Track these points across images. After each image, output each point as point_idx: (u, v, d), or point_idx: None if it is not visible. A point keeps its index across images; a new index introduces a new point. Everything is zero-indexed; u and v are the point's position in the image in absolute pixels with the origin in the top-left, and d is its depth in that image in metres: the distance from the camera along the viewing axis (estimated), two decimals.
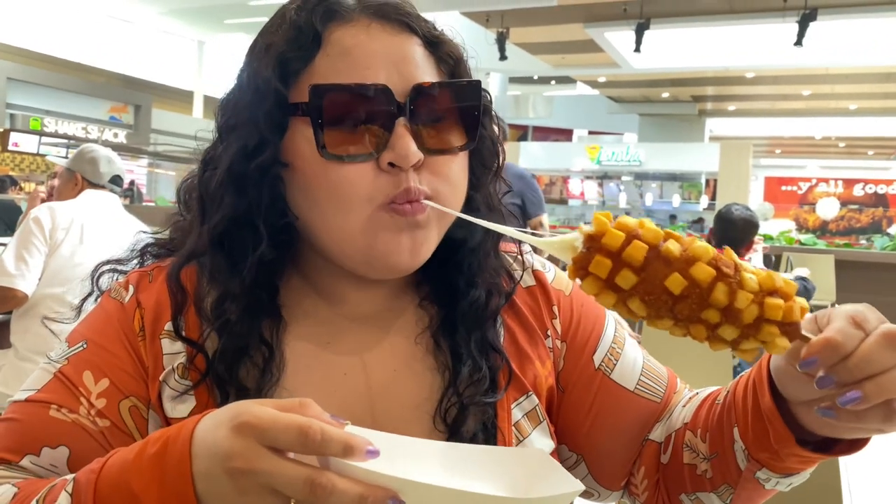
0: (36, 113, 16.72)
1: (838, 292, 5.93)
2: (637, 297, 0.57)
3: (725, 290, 0.56)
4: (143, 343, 0.76)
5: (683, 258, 0.56)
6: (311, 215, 0.75)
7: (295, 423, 0.54)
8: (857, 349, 0.57)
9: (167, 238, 0.87)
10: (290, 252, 0.80)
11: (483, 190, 0.84)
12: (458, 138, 0.77)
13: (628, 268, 0.57)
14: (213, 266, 0.76)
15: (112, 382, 0.74)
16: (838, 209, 20.18)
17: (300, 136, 0.72)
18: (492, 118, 0.84)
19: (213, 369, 0.74)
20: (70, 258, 2.73)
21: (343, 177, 0.71)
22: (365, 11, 0.75)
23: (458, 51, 0.80)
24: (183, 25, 18.66)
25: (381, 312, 0.83)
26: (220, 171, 0.76)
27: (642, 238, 0.57)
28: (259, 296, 0.75)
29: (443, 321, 0.82)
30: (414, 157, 0.71)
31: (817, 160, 26.19)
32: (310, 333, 0.80)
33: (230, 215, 0.75)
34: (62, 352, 0.77)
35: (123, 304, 0.79)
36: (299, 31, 0.73)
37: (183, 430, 0.58)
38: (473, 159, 0.82)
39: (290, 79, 0.73)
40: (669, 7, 11.00)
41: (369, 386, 0.78)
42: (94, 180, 3.03)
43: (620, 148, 20.73)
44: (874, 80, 15.30)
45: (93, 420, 0.72)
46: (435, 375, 0.80)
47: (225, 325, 0.75)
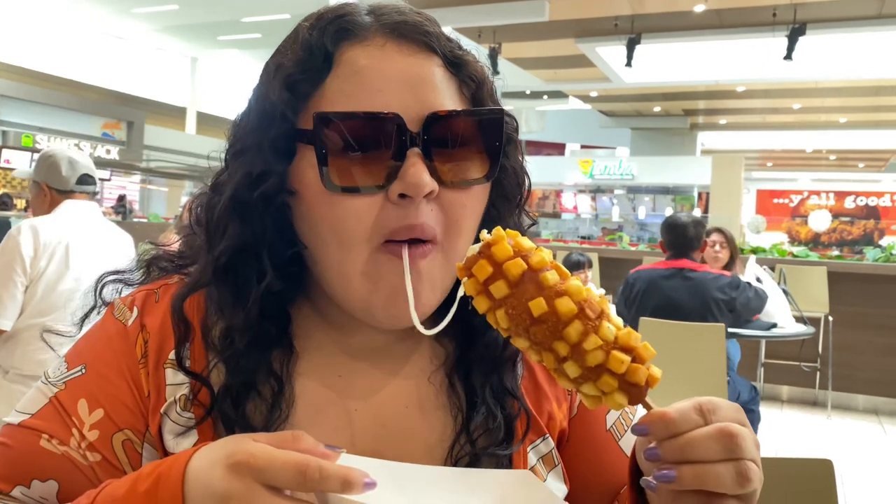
0: (28, 130, 16.69)
1: (831, 304, 5.95)
2: (503, 310, 0.61)
3: (580, 329, 0.59)
4: (144, 371, 0.73)
5: (555, 289, 0.60)
6: (314, 248, 0.72)
7: (292, 462, 0.54)
8: (688, 432, 0.58)
9: (176, 252, 0.83)
10: (302, 280, 0.76)
11: (505, 223, 0.76)
12: (477, 170, 0.72)
13: (504, 279, 0.60)
14: (218, 297, 0.74)
15: (107, 413, 0.71)
16: (830, 221, 20.29)
17: (307, 164, 0.69)
18: (517, 147, 0.79)
19: (219, 405, 0.70)
20: (55, 284, 2.61)
21: (347, 210, 0.68)
22: (381, 30, 0.70)
23: (482, 72, 0.75)
24: (176, 42, 18.70)
25: (394, 346, 0.79)
26: (224, 198, 0.73)
27: (528, 260, 0.61)
28: (267, 328, 0.72)
29: (458, 360, 0.78)
30: (427, 187, 0.67)
31: (808, 173, 26.34)
32: (321, 367, 0.76)
33: (234, 245, 0.72)
34: (60, 374, 0.74)
35: (126, 328, 0.75)
36: (310, 51, 0.69)
37: (175, 466, 0.57)
38: (495, 191, 0.77)
39: (298, 103, 0.69)
40: (660, 22, 11.09)
41: (380, 424, 0.75)
42: (60, 187, 2.82)
43: (613, 162, 20.83)
44: (864, 94, 15.42)
45: (83, 454, 0.69)
46: (447, 417, 0.76)
47: (232, 358, 0.71)
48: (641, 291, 4.07)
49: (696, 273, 4.00)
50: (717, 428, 0.58)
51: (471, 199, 0.72)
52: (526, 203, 0.83)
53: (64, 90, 17.98)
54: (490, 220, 0.77)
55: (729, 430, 0.57)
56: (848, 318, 6.03)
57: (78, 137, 17.78)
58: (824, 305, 5.95)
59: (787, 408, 6.20)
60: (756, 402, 4.15)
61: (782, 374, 6.29)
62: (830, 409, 5.99)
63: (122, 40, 18.58)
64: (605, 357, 0.59)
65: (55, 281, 2.60)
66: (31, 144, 15.38)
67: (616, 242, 10.36)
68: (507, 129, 0.76)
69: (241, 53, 19.10)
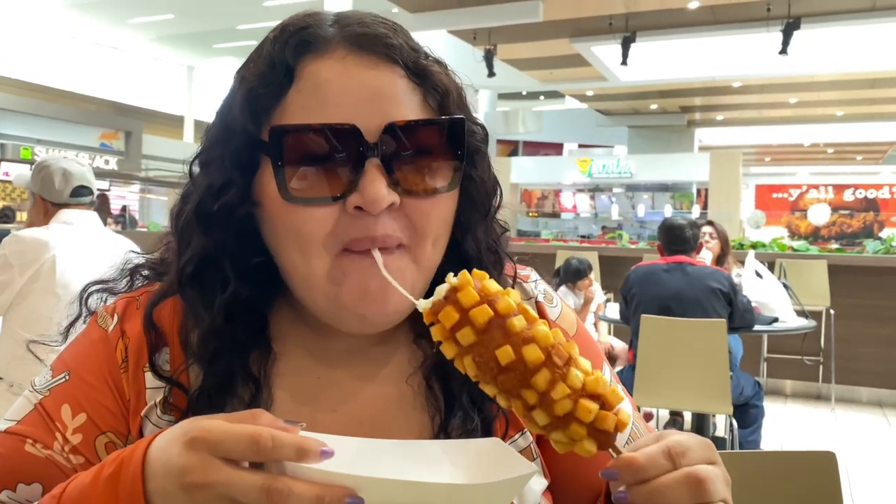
0: (27, 142, 16.71)
1: (832, 297, 5.95)
2: (471, 357, 0.60)
3: (548, 377, 0.58)
4: (125, 375, 0.74)
5: (522, 335, 0.59)
6: (278, 256, 0.73)
7: (246, 433, 0.54)
8: (656, 478, 0.58)
9: (158, 259, 0.84)
10: (279, 283, 0.77)
11: (473, 233, 0.79)
12: (439, 178, 0.71)
13: (470, 326, 0.59)
14: (188, 305, 0.75)
15: (89, 417, 0.72)
16: (829, 215, 20.30)
17: (269, 176, 0.69)
18: (485, 156, 0.79)
19: (194, 407, 0.71)
20: (43, 297, 2.53)
21: (304, 220, 0.68)
22: (343, 42, 0.70)
23: (448, 82, 0.74)
24: (172, 51, 18.74)
25: (372, 348, 0.79)
26: (188, 209, 0.74)
27: (495, 305, 0.60)
28: (238, 333, 0.73)
29: (437, 363, 0.78)
30: (384, 202, 0.67)
31: (807, 167, 26.35)
32: (299, 369, 0.77)
33: (198, 255, 0.73)
34: (45, 381, 0.76)
35: (107, 333, 0.77)
36: (272, 65, 0.70)
37: (137, 449, 0.58)
38: (463, 200, 0.77)
39: (261, 116, 0.69)
40: (654, 20, 11.10)
41: (358, 424, 0.76)
42: (54, 199, 2.74)
43: (611, 160, 20.84)
44: (860, 86, 15.44)
45: (66, 457, 0.71)
46: (425, 418, 0.77)
47: (207, 361, 0.73)
48: (642, 284, 4.08)
49: (694, 267, 4.05)
50: (686, 473, 0.58)
51: (436, 207, 0.72)
52: (497, 212, 0.82)
53: (61, 102, 18.00)
54: (459, 228, 0.77)
55: (697, 475, 0.58)
56: (849, 310, 6.03)
57: (76, 149, 17.78)
58: (825, 299, 5.95)
59: (790, 402, 6.20)
60: (759, 396, 4.16)
61: (785, 368, 6.30)
62: (834, 402, 5.99)
63: (118, 51, 18.61)
64: (573, 405, 0.59)
65: (42, 294, 2.55)
66: (30, 157, 15.38)
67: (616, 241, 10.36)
68: (474, 140, 0.76)
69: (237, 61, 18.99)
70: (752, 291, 4.54)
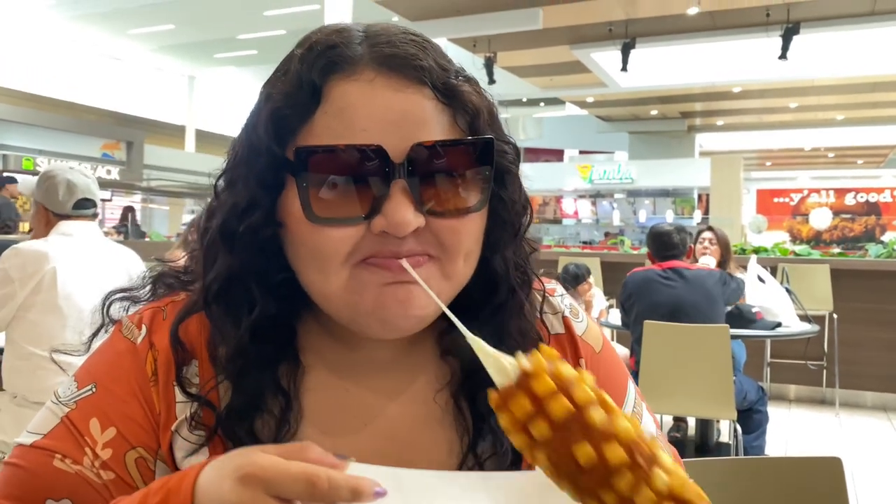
0: (28, 153, 16.76)
1: (835, 301, 5.94)
2: (545, 451, 0.55)
3: (631, 481, 0.54)
4: (155, 388, 0.73)
5: (602, 431, 0.54)
6: (299, 273, 0.72)
7: (302, 473, 0.53)
8: None
9: (181, 268, 0.83)
10: (306, 297, 0.75)
11: (501, 253, 0.77)
12: (468, 199, 0.70)
13: (546, 420, 0.55)
14: (214, 322, 0.74)
15: (119, 432, 0.71)
16: (831, 219, 20.28)
17: (293, 196, 0.68)
18: (515, 177, 0.77)
19: (225, 424, 0.71)
20: (46, 310, 2.53)
21: (327, 239, 0.67)
22: (372, 63, 0.68)
23: (477, 101, 0.72)
24: (173, 61, 18.81)
25: (399, 361, 0.78)
26: (213, 228, 0.73)
27: (572, 395, 0.55)
28: (265, 350, 0.72)
29: (465, 380, 0.77)
30: (409, 226, 0.66)
31: (808, 171, 26.35)
32: (328, 382, 0.76)
33: (224, 274, 0.72)
34: (70, 393, 0.74)
35: (136, 346, 0.75)
36: (299, 85, 0.68)
37: (185, 480, 0.57)
38: (491, 220, 0.75)
39: (286, 136, 0.68)
40: (654, 26, 11.13)
41: (388, 439, 0.75)
42: (57, 210, 2.73)
43: (612, 166, 20.86)
44: (860, 90, 15.45)
45: (97, 473, 0.69)
46: (454, 436, 0.76)
47: (236, 377, 0.72)
48: (640, 291, 4.09)
49: (690, 271, 4.06)
50: None
51: (465, 225, 0.70)
52: (526, 231, 0.81)
53: (63, 112, 18.06)
54: (488, 247, 0.76)
55: None
56: (853, 314, 6.02)
57: (78, 159, 17.83)
58: (828, 303, 5.94)
59: (794, 407, 6.19)
60: (763, 402, 4.14)
61: (789, 373, 6.28)
62: (839, 406, 5.97)
63: (119, 61, 18.68)
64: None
65: (44, 306, 2.54)
66: (32, 168, 15.42)
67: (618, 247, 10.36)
68: (505, 160, 0.75)
69: (238, 70, 19.20)
70: (755, 296, 4.54)
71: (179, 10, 14.34)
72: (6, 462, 0.72)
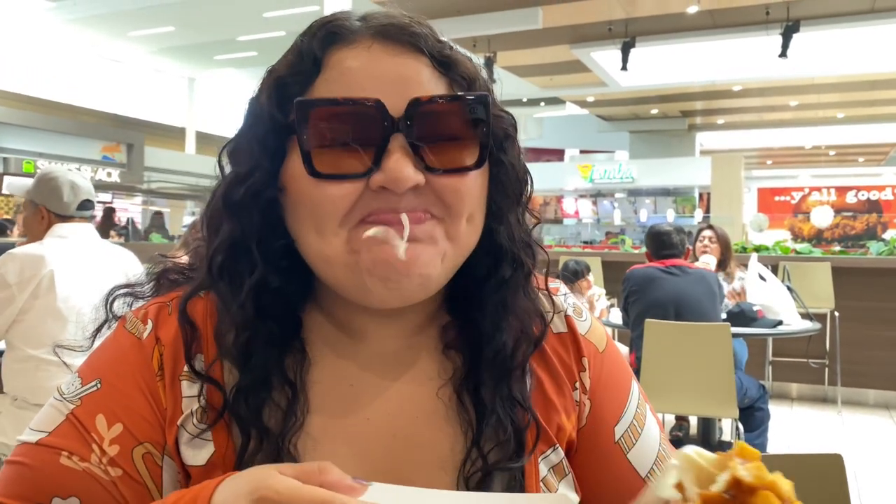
0: (29, 156, 16.78)
1: (837, 299, 5.93)
2: None
3: None
4: (161, 383, 0.72)
5: None
6: (298, 238, 0.72)
7: (318, 499, 0.53)
8: None
9: (185, 264, 0.83)
10: (308, 283, 0.76)
11: (507, 222, 0.77)
12: (466, 157, 0.70)
13: None
14: (220, 297, 0.74)
15: (126, 427, 0.70)
16: (832, 217, 20.25)
17: (295, 159, 0.69)
18: (514, 142, 0.78)
19: (232, 406, 0.70)
20: (45, 313, 2.54)
21: (325, 195, 0.67)
22: (368, 32, 0.71)
23: (473, 71, 0.74)
24: (173, 63, 18.82)
25: (404, 351, 0.78)
26: (216, 197, 0.74)
27: None
28: (270, 327, 0.72)
29: (467, 374, 0.77)
30: (408, 181, 0.66)
31: (808, 169, 26.33)
32: (333, 374, 0.76)
33: (227, 242, 0.72)
34: (74, 389, 0.73)
35: (141, 341, 0.74)
36: (300, 55, 0.71)
37: (199, 499, 0.57)
38: (493, 187, 0.75)
39: (288, 103, 0.69)
40: (653, 25, 11.12)
41: (392, 435, 0.75)
42: (60, 212, 2.72)
43: (612, 165, 20.86)
44: (860, 88, 15.44)
45: (104, 469, 0.69)
46: (457, 430, 0.76)
47: (241, 357, 0.72)
48: (642, 288, 4.09)
49: (692, 269, 4.08)
50: None
51: (465, 183, 0.70)
52: (529, 202, 0.81)
53: (63, 115, 18.08)
54: (491, 216, 0.76)
55: None
56: (854, 312, 6.02)
57: (78, 161, 17.85)
58: (830, 301, 5.94)
59: (796, 405, 6.18)
60: (765, 400, 4.14)
61: (791, 371, 6.28)
62: (841, 405, 5.97)
63: (119, 63, 18.69)
64: None
65: (43, 309, 2.54)
66: (33, 171, 15.43)
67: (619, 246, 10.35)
68: (502, 124, 0.76)
69: (238, 72, 19.20)
70: (756, 295, 4.54)
71: (179, 12, 14.34)
72: (10, 460, 0.71)
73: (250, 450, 0.69)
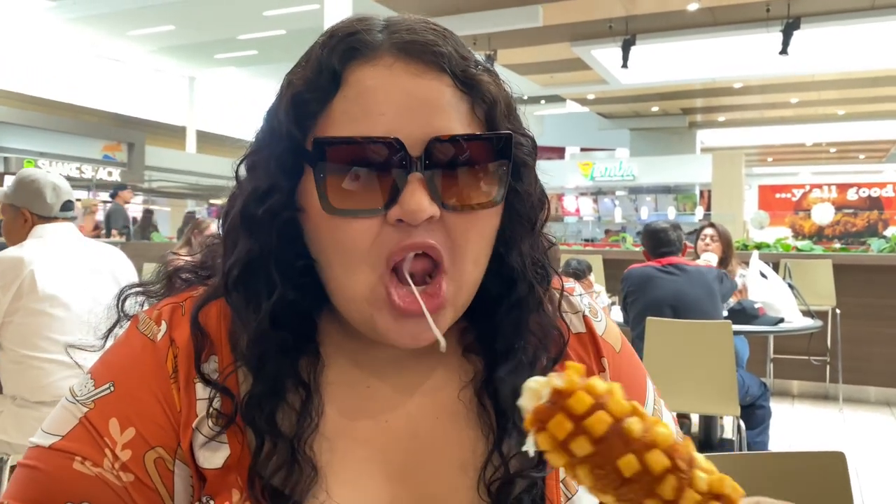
0: (30, 155, 16.78)
1: (838, 297, 5.93)
2: (587, 467, 0.55)
3: (674, 484, 0.54)
4: (175, 386, 0.72)
5: (642, 441, 0.55)
6: (322, 265, 0.72)
7: None
8: None
9: (198, 262, 0.82)
10: (323, 291, 0.75)
11: (518, 248, 0.76)
12: (483, 194, 0.70)
13: (586, 436, 0.54)
14: (234, 309, 0.73)
15: (138, 432, 0.70)
16: (833, 214, 20.24)
17: (312, 183, 0.68)
18: (531, 169, 0.77)
19: (245, 412, 0.70)
20: (31, 314, 2.54)
21: (346, 232, 0.67)
22: (391, 49, 0.69)
23: (496, 92, 0.72)
24: (173, 62, 18.81)
25: (420, 359, 0.78)
26: (234, 212, 0.73)
27: (608, 409, 0.55)
28: (284, 337, 0.72)
29: (487, 378, 0.76)
30: (425, 213, 0.66)
31: (809, 166, 26.31)
32: (348, 377, 0.76)
33: (244, 258, 0.72)
34: (88, 391, 0.72)
35: (155, 343, 0.74)
36: (319, 70, 0.69)
37: None
38: (507, 214, 0.75)
39: (306, 121, 0.69)
40: (654, 22, 11.12)
41: (411, 436, 0.75)
42: (44, 213, 2.70)
43: (613, 163, 20.85)
44: (861, 85, 15.42)
45: (117, 474, 0.68)
46: (478, 434, 0.76)
47: (255, 364, 0.71)
48: (641, 287, 4.08)
49: (690, 266, 4.06)
50: None
51: (476, 224, 0.70)
52: (544, 227, 0.80)
53: (64, 114, 18.09)
54: (504, 243, 0.75)
55: None
56: (855, 310, 6.02)
57: (79, 161, 17.87)
58: (831, 298, 5.93)
59: (798, 402, 6.18)
60: (766, 397, 4.14)
61: (792, 368, 6.27)
62: (842, 402, 5.97)
63: (119, 63, 18.70)
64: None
65: (28, 309, 2.55)
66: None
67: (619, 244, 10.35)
68: (521, 153, 0.74)
69: (238, 70, 19.20)
70: (757, 292, 4.53)
71: (179, 10, 14.34)
72: (22, 464, 0.71)
73: (265, 453, 0.69)
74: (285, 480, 0.68)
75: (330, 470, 0.70)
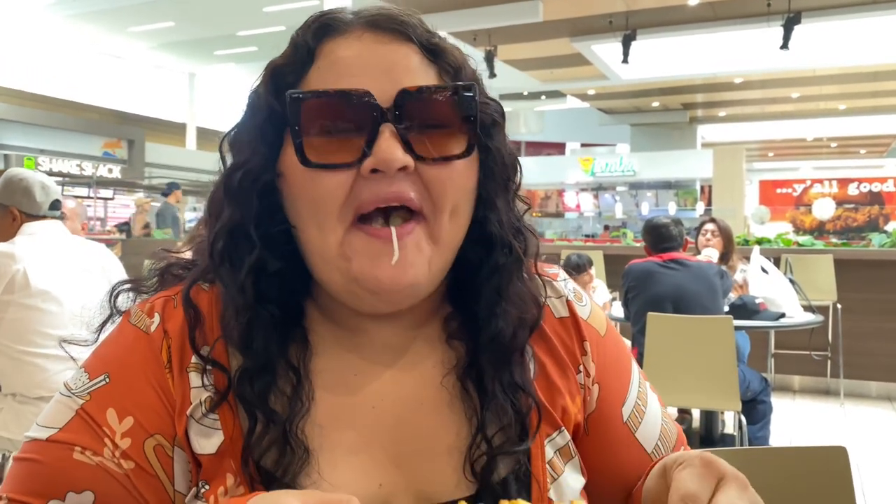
0: (30, 152, 16.76)
1: (839, 292, 5.92)
2: None
3: None
4: (170, 375, 0.73)
5: None
6: (299, 229, 0.74)
7: None
8: None
9: (189, 259, 0.84)
10: (307, 276, 0.77)
11: (496, 208, 0.78)
12: (454, 146, 0.72)
13: None
14: (221, 282, 0.75)
15: (136, 420, 0.71)
16: (834, 209, 20.23)
17: (291, 147, 0.71)
18: (501, 129, 0.79)
19: (237, 388, 0.71)
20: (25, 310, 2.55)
21: (322, 186, 0.69)
22: (359, 22, 0.74)
23: (461, 59, 0.77)
24: (173, 59, 18.78)
25: (407, 344, 0.80)
26: (217, 185, 0.76)
27: None
28: (271, 310, 0.73)
29: (470, 362, 0.78)
30: (398, 161, 0.68)
31: (810, 161, 26.27)
32: (336, 365, 0.77)
33: (227, 227, 0.74)
34: (82, 384, 0.74)
35: (149, 334, 0.75)
36: (295, 48, 0.75)
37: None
38: (482, 172, 0.77)
39: (283, 94, 0.71)
40: (654, 17, 11.10)
41: (399, 422, 0.76)
42: (33, 212, 2.73)
43: (613, 159, 20.84)
44: (861, 80, 15.40)
45: (117, 462, 0.70)
46: (462, 418, 0.77)
47: (244, 340, 0.72)
48: (642, 282, 4.08)
49: (692, 262, 4.06)
50: None
51: (451, 174, 0.72)
52: (518, 188, 0.82)
53: (63, 111, 18.06)
54: (481, 205, 0.77)
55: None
56: (856, 304, 6.01)
57: (79, 158, 17.85)
58: (832, 293, 5.93)
59: (799, 397, 6.19)
60: (767, 392, 4.14)
61: (793, 363, 6.28)
62: (843, 397, 5.97)
63: (119, 59, 18.67)
64: None
65: (20, 305, 2.56)
66: (34, 167, 15.43)
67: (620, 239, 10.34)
68: (488, 110, 0.77)
69: (238, 67, 19.17)
70: (758, 287, 4.53)
71: (178, 7, 14.31)
72: (19, 458, 0.71)
73: (257, 433, 0.70)
74: (277, 461, 0.70)
75: (321, 453, 0.72)
